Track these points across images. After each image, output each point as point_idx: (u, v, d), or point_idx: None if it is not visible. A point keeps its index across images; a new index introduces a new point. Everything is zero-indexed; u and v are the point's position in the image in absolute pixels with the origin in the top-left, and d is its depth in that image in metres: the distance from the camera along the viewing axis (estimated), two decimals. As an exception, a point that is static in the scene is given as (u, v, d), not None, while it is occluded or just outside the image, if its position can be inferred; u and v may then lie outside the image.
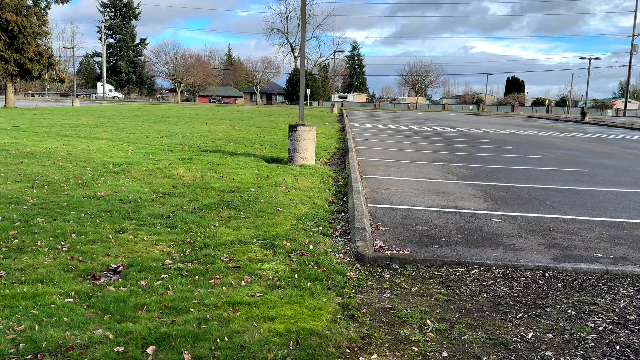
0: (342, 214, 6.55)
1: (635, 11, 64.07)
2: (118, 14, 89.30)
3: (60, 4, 36.07)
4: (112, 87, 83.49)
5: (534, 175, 10.59)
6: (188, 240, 4.91)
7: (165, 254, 4.48)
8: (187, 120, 25.66)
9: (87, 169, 9.12)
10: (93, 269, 4.06)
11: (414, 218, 6.53)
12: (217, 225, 5.49)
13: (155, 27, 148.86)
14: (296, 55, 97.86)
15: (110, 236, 4.98)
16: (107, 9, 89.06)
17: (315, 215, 6.23)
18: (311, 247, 4.74)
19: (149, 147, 12.63)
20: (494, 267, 4.39)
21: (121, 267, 4.12)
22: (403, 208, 7.06)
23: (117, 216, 5.77)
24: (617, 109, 76.82)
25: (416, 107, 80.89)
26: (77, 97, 51.25)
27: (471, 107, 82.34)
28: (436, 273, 4.24)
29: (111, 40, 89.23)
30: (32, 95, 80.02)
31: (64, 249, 4.58)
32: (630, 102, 77.96)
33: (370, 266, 4.40)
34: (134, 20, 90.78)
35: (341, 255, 4.62)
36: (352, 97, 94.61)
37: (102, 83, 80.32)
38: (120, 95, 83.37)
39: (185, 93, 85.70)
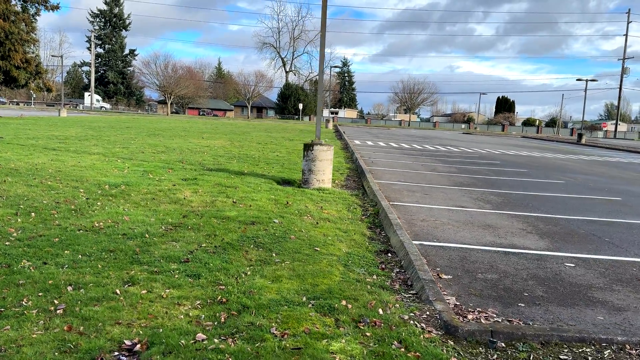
0: (389, 255, 5.52)
1: (626, 35, 64.95)
2: (108, 24, 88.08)
3: (51, 10, 34.90)
4: (99, 98, 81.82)
5: (572, 205, 9.71)
6: (219, 297, 3.82)
7: (193, 322, 3.39)
8: (182, 134, 24.52)
9: (80, 190, 7.98)
10: (100, 349, 2.96)
11: (474, 261, 5.52)
12: (249, 273, 4.42)
13: (145, 39, 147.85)
14: (287, 69, 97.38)
15: (118, 291, 3.87)
16: (97, 19, 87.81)
17: (361, 258, 5.19)
18: (380, 311, 3.69)
19: (147, 164, 11.50)
20: (627, 346, 3.39)
21: (138, 344, 3.03)
22: (455, 247, 6.06)
23: (123, 258, 4.66)
24: (607, 130, 77.52)
25: (408, 125, 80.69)
26: (64, 106, 49.69)
27: (463, 126, 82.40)
28: (561, 357, 3.22)
29: (100, 50, 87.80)
30: (18, 104, 77.98)
31: (58, 310, 3.47)
32: (619, 124, 78.71)
33: (467, 344, 3.37)
34: (123, 30, 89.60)
35: (423, 325, 3.58)
36: (344, 113, 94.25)
37: (89, 93, 78.61)
38: (107, 105, 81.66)
39: (174, 105, 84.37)
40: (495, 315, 4.08)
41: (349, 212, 7.58)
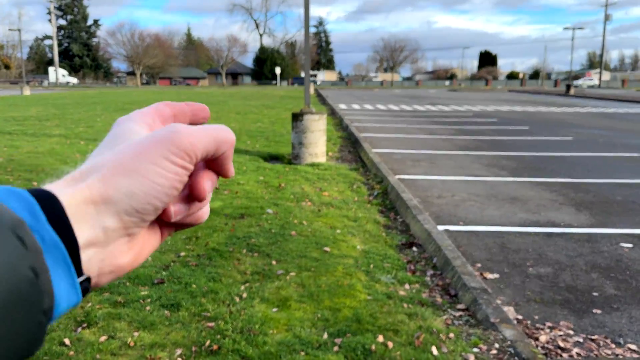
0: (415, 249, 4.51)
1: (606, -20, 63.49)
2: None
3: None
4: (65, 72, 77.82)
5: (593, 165, 8.81)
6: (207, 342, 2.76)
7: (173, 394, 2.34)
8: (155, 107, 22.87)
9: (34, 183, 6.73)
10: None
11: (517, 249, 4.55)
12: (245, 295, 3.35)
13: (109, 8, 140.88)
14: (261, 32, 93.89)
15: (67, 340, 2.78)
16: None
17: (382, 258, 4.15)
18: (434, 350, 2.68)
19: (115, 146, 10.18)
20: None
21: None
22: (488, 231, 5.08)
23: (77, 283, 3.53)
24: (591, 80, 76.97)
25: (391, 84, 79.10)
26: (27, 84, 46.81)
27: (447, 83, 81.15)
28: None
29: (62, 22, 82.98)
30: (-22, 84, 73.71)
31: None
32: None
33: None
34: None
35: (497, 367, 2.58)
36: (323, 76, 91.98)
37: (54, 68, 74.60)
38: (74, 80, 77.85)
39: (144, 76, 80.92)
40: (572, 332, 3.13)
41: (352, 193, 6.52)
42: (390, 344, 2.71)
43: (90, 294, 3.34)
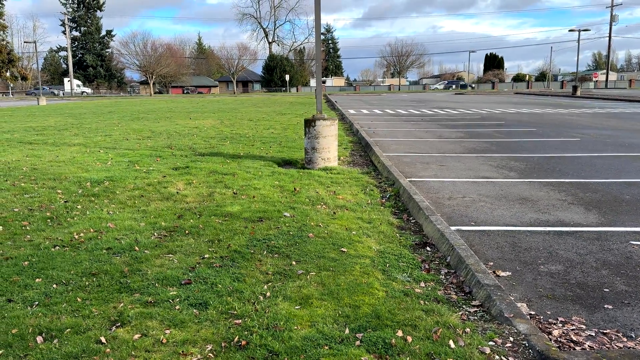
0: (428, 249, 4.65)
1: (615, -20, 63.06)
2: (81, 5, 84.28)
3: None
4: (79, 83, 79.07)
5: (600, 165, 8.87)
6: (236, 338, 2.93)
7: (207, 383, 2.51)
8: (168, 115, 23.26)
9: (58, 191, 6.99)
10: None
11: (528, 248, 4.68)
12: (268, 294, 3.52)
13: (122, 19, 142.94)
14: (270, 40, 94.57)
15: (103, 338, 2.97)
16: (70, 1, 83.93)
17: (398, 258, 4.31)
18: (452, 344, 2.82)
19: (132, 154, 10.46)
20: None
21: None
22: (499, 230, 5.20)
23: (109, 285, 3.74)
24: (597, 80, 76.42)
25: (398, 89, 79.10)
26: (42, 94, 47.60)
27: (453, 86, 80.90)
28: None
29: (76, 34, 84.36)
30: (-6, 95, 75.12)
31: (22, 379, 2.57)
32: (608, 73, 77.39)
33: (582, 386, 2.52)
34: (98, 11, 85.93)
35: None
36: (331, 82, 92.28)
37: (69, 79, 75.75)
38: (89, 90, 79.05)
39: (157, 85, 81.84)
40: (584, 327, 3.25)
41: (366, 196, 6.68)
42: (409, 338, 2.86)
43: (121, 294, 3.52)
